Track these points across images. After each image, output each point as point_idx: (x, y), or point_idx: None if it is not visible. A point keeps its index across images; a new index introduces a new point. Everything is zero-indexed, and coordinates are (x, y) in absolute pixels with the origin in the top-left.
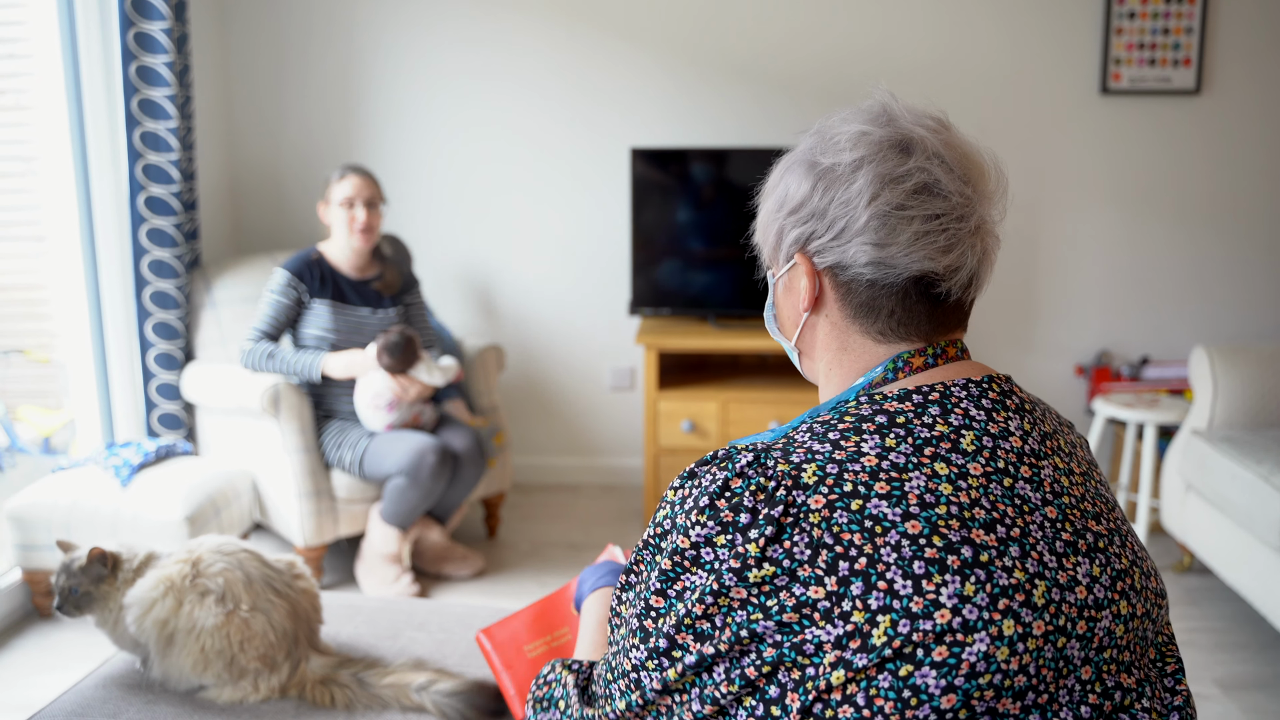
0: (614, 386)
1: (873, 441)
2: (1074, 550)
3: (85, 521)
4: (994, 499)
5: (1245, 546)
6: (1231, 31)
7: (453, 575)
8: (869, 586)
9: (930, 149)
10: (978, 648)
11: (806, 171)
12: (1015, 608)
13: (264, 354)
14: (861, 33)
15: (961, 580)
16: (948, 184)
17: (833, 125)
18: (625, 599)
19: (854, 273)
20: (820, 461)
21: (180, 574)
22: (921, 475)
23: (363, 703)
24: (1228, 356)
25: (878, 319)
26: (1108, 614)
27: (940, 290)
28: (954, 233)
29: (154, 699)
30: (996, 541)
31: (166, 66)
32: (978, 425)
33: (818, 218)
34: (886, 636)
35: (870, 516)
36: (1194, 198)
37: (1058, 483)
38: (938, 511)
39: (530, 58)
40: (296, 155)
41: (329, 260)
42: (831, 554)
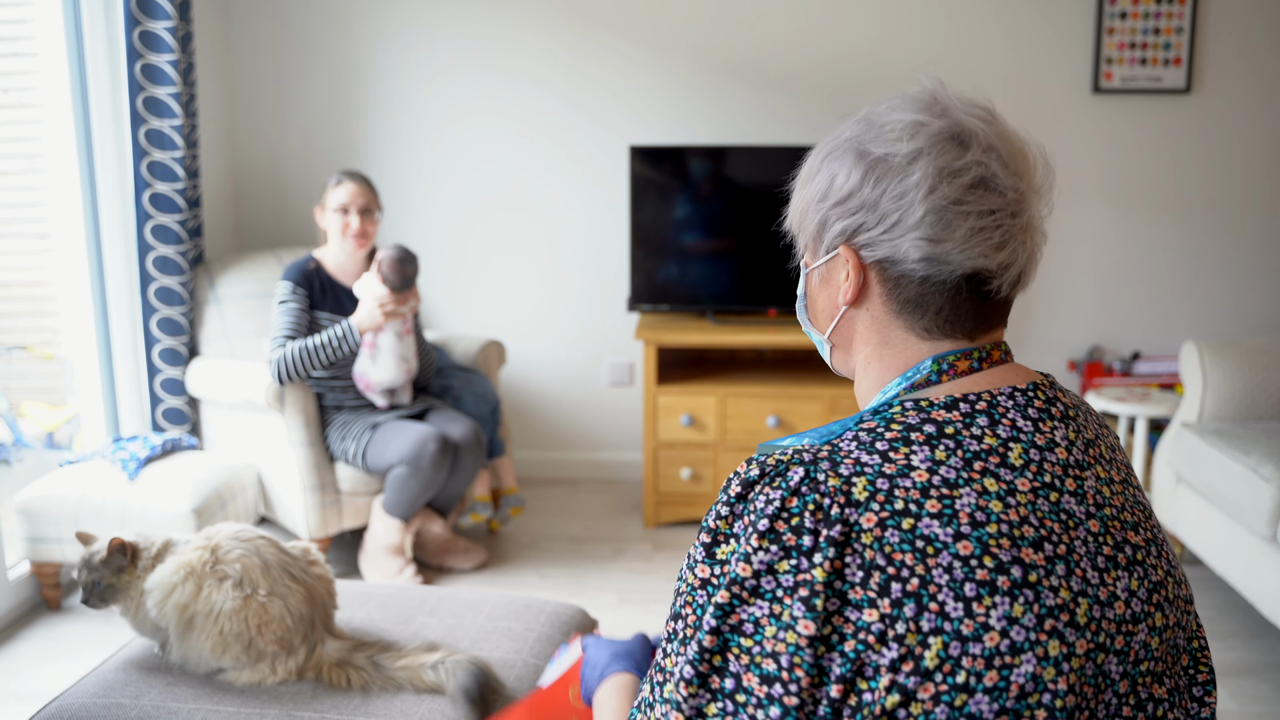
0: (613, 381)
1: (923, 454)
2: (1114, 565)
3: (93, 514)
4: (1041, 515)
5: (1234, 537)
6: (1221, 31)
7: (455, 567)
8: (920, 608)
9: (985, 141)
10: (1025, 669)
11: (856, 161)
12: (1060, 628)
13: (298, 350)
14: (858, 32)
15: (1011, 601)
16: (1003, 178)
17: (881, 113)
18: (672, 650)
19: (906, 268)
20: (870, 475)
21: (199, 560)
22: (972, 492)
23: (378, 684)
24: (1217, 351)
25: (925, 315)
26: (1144, 627)
27: (991, 288)
28: (1007, 229)
29: (174, 681)
30: (1044, 560)
31: (171, 65)
32: (1025, 437)
33: (868, 209)
34: (939, 659)
35: (922, 537)
36: (1184, 195)
37: (1100, 494)
38: (988, 530)
39: (531, 55)
40: (298, 152)
41: (326, 269)
42: (885, 575)
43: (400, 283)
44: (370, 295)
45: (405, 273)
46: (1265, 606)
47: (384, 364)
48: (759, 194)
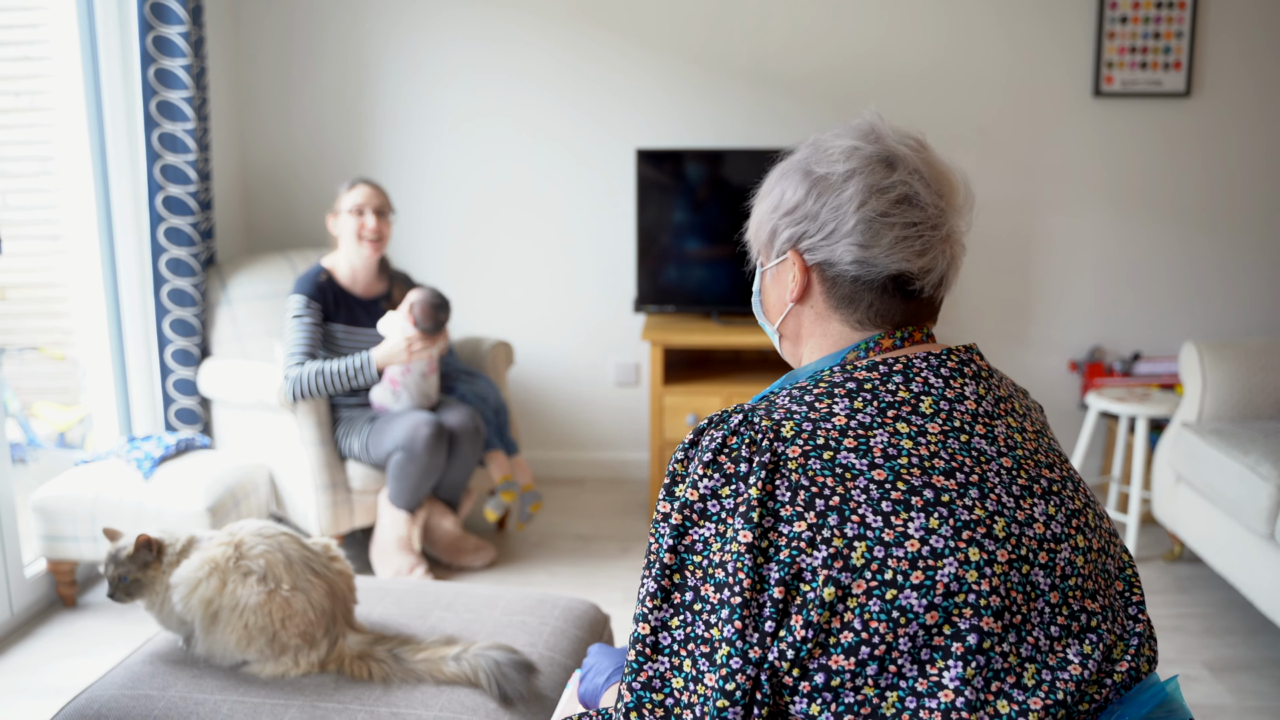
0: (619, 382)
1: (843, 404)
2: (1030, 493)
3: (109, 513)
4: (951, 452)
5: (1233, 535)
6: (1220, 36)
7: (467, 565)
8: (843, 519)
9: (911, 165)
10: (948, 570)
11: (802, 178)
12: (978, 538)
13: (314, 373)
14: (862, 37)
15: (926, 516)
16: (925, 196)
17: (826, 139)
18: (645, 575)
19: (840, 269)
20: (798, 420)
21: (224, 555)
22: (885, 433)
23: (398, 676)
24: (1216, 351)
25: (857, 310)
26: (1066, 546)
27: (914, 288)
28: (928, 239)
29: (200, 673)
30: (956, 486)
31: (184, 69)
32: (935, 391)
33: (810, 219)
34: (864, 559)
35: (840, 465)
36: (1184, 198)
37: (1011, 438)
38: (900, 462)
39: (537, 57)
40: (307, 154)
41: (338, 280)
42: (809, 493)
43: (432, 327)
44: (399, 333)
45: (438, 318)
46: (1263, 603)
47: (405, 403)
48: None
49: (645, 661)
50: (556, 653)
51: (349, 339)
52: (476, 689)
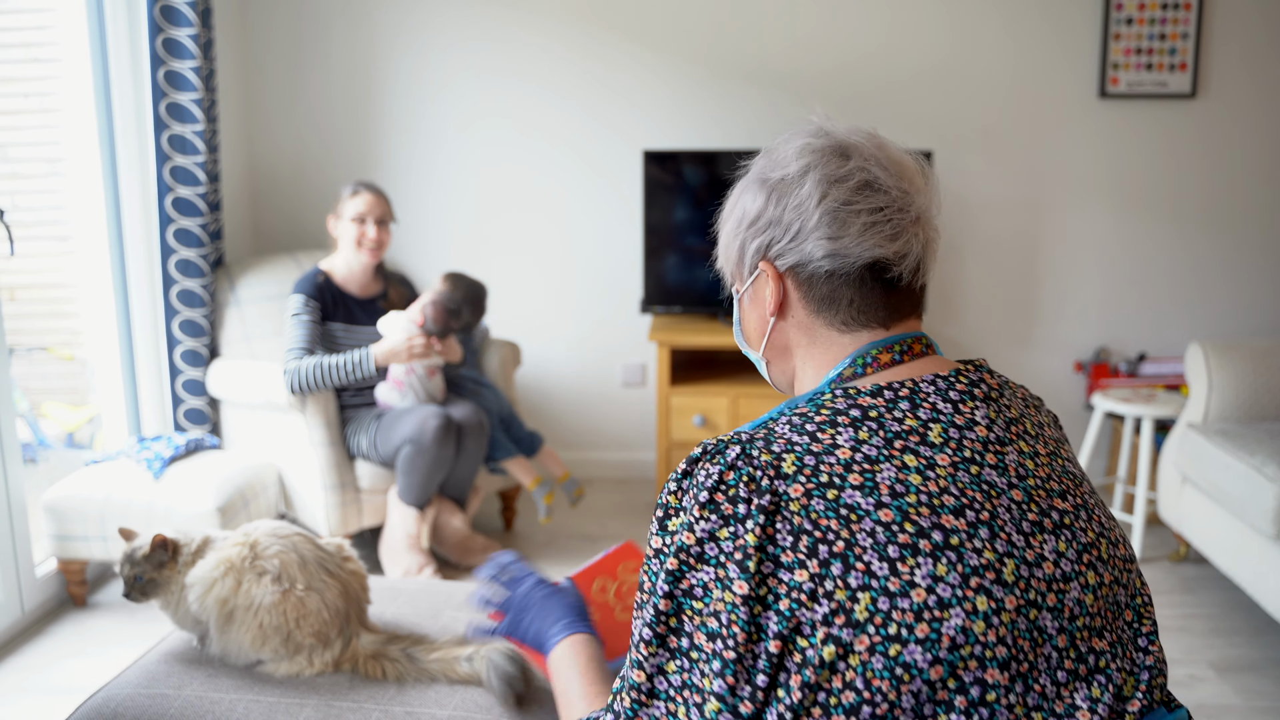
0: (625, 382)
1: (847, 435)
2: (1040, 529)
3: (119, 513)
4: (962, 486)
5: (1239, 535)
6: (1226, 37)
7: (476, 565)
8: (848, 567)
9: (865, 152)
10: (954, 622)
11: (759, 188)
12: (986, 585)
13: (312, 366)
14: (869, 38)
15: (934, 562)
16: (885, 180)
17: (777, 147)
18: (640, 616)
19: (813, 267)
20: (799, 453)
21: (239, 555)
22: (892, 467)
23: (412, 676)
24: (1222, 352)
25: (839, 309)
26: (1076, 585)
27: (892, 274)
28: (897, 222)
29: (215, 672)
30: (966, 525)
31: (193, 71)
32: (944, 418)
33: (775, 225)
34: (868, 612)
35: (845, 505)
36: (1189, 199)
37: (1023, 466)
38: (908, 500)
39: (544, 59)
40: (315, 156)
41: (335, 281)
42: (811, 539)
43: (440, 330)
44: (401, 332)
45: (448, 323)
46: (1269, 604)
47: (411, 401)
48: None
49: (640, 708)
50: None
51: (348, 337)
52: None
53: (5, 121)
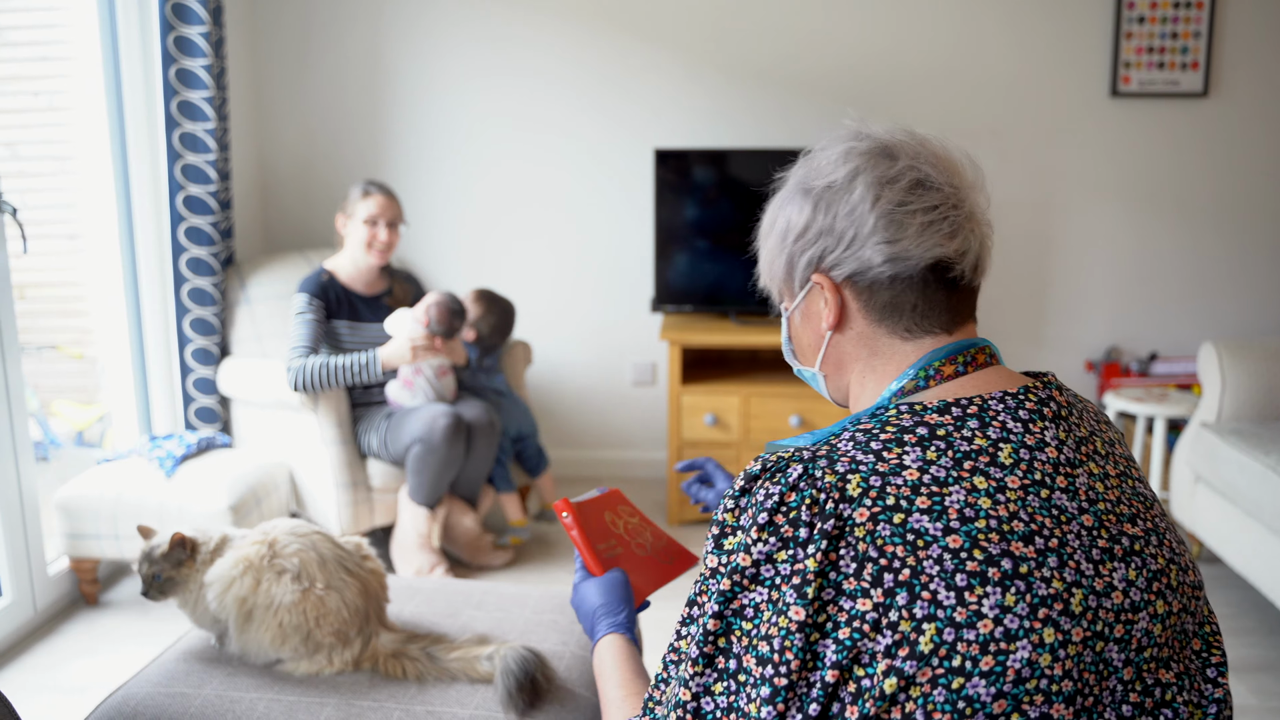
0: (636, 381)
1: (914, 454)
2: (1110, 556)
3: (131, 512)
4: (1032, 511)
5: (1253, 535)
6: (1238, 36)
7: (487, 564)
8: (913, 597)
9: (911, 150)
10: (1021, 655)
11: (803, 198)
12: (1054, 616)
13: (318, 366)
14: (877, 37)
15: (1002, 591)
16: (936, 177)
17: (814, 156)
18: (685, 633)
19: (874, 274)
20: (864, 473)
21: (258, 554)
22: (961, 489)
23: (432, 675)
24: (1235, 351)
25: (902, 316)
26: (1144, 615)
27: (954, 274)
28: (954, 219)
29: (234, 671)
30: (1035, 553)
31: (205, 69)
32: (1014, 438)
33: (827, 234)
34: (933, 644)
35: (912, 530)
36: (1201, 198)
37: (1093, 489)
38: (977, 525)
39: (555, 57)
40: (325, 154)
41: (340, 279)
42: (877, 566)
43: (444, 331)
44: (405, 334)
45: (452, 324)
46: None
47: (421, 400)
48: None
49: None
50: (588, 651)
51: (353, 335)
52: None
53: (16, 120)
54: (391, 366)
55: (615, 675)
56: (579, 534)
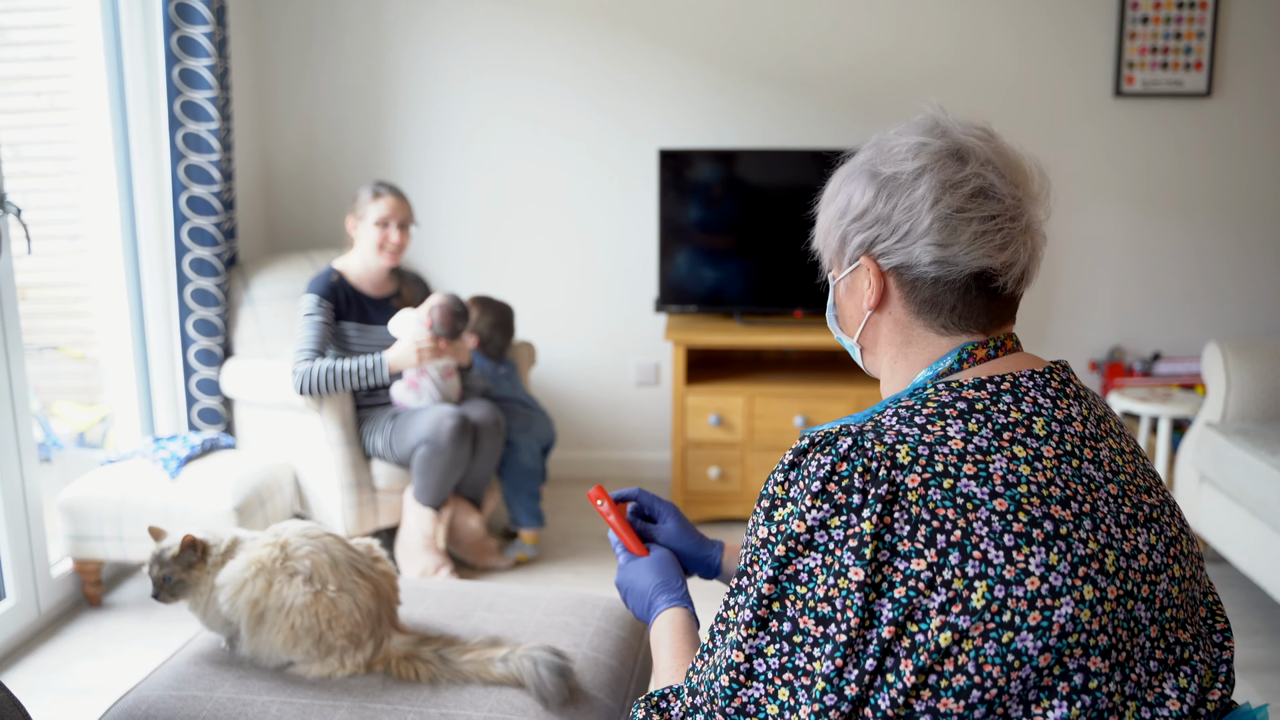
0: (639, 382)
1: (957, 426)
2: (1134, 522)
3: (135, 513)
4: (1066, 478)
5: (1260, 535)
6: (1242, 36)
7: (492, 566)
8: (965, 556)
9: (982, 156)
10: (1065, 610)
11: (869, 181)
12: (1092, 574)
13: (325, 370)
14: (880, 37)
15: (1046, 550)
16: (1000, 187)
17: (889, 139)
18: (735, 602)
19: (919, 271)
20: (911, 443)
21: (270, 556)
22: (1003, 458)
23: (446, 677)
24: (1240, 351)
25: (940, 313)
26: (1165, 577)
27: (997, 284)
28: (1008, 232)
29: (246, 674)
30: (1072, 516)
31: (208, 69)
32: (1045, 412)
33: (882, 222)
34: (985, 600)
35: (961, 495)
36: (1204, 198)
37: (1114, 462)
38: (1020, 490)
39: (559, 57)
40: (328, 154)
41: (349, 280)
42: (930, 528)
43: (448, 333)
44: (409, 337)
45: (455, 326)
46: None
47: (426, 402)
48: (785, 197)
49: (739, 688)
50: (600, 653)
51: (361, 337)
52: (525, 690)
53: (19, 120)
54: (397, 370)
55: (672, 645)
56: (616, 518)
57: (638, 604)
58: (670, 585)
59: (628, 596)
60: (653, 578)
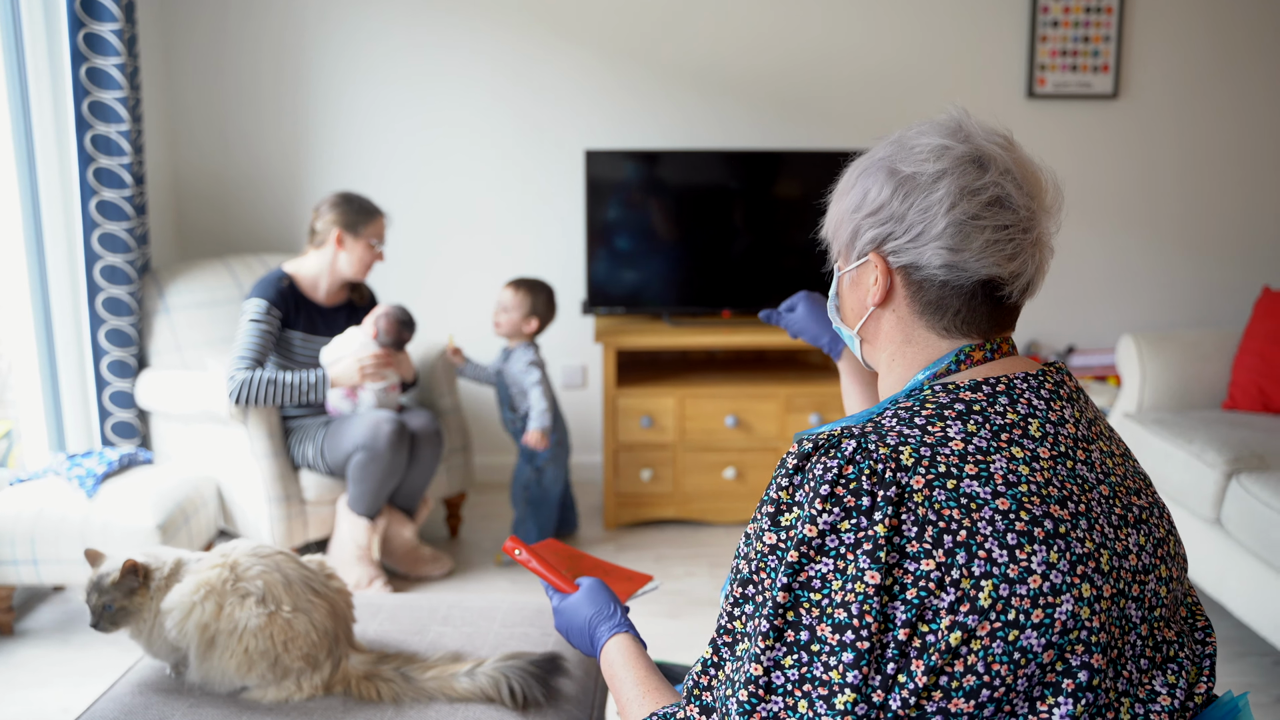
0: (566, 384)
1: (956, 427)
2: (1125, 523)
3: (52, 533)
4: (1062, 479)
5: (1178, 521)
6: (1145, 40)
7: (425, 575)
8: (971, 555)
9: (1002, 165)
10: (1065, 608)
11: (887, 178)
12: (1089, 573)
13: (264, 381)
14: (803, 41)
15: (1047, 549)
16: (1016, 198)
17: (911, 137)
18: (742, 613)
19: (928, 273)
20: (914, 445)
21: (219, 578)
22: (1002, 458)
23: (409, 696)
24: (1154, 344)
25: (944, 316)
26: (1153, 578)
27: (1003, 293)
28: (1019, 243)
29: (197, 702)
30: (1069, 515)
31: (118, 69)
32: (1040, 414)
33: (896, 220)
34: (991, 599)
35: (965, 495)
36: (1113, 195)
37: (1104, 464)
38: (1020, 490)
39: (484, 60)
40: (241, 157)
41: (300, 287)
42: (936, 529)
43: (393, 343)
44: (352, 354)
45: (401, 336)
46: (1210, 587)
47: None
48: (712, 197)
49: (759, 703)
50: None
51: (306, 347)
52: (492, 704)
53: None
54: (339, 386)
55: (630, 674)
56: (538, 563)
57: (580, 641)
58: (605, 613)
59: (569, 636)
60: (587, 610)
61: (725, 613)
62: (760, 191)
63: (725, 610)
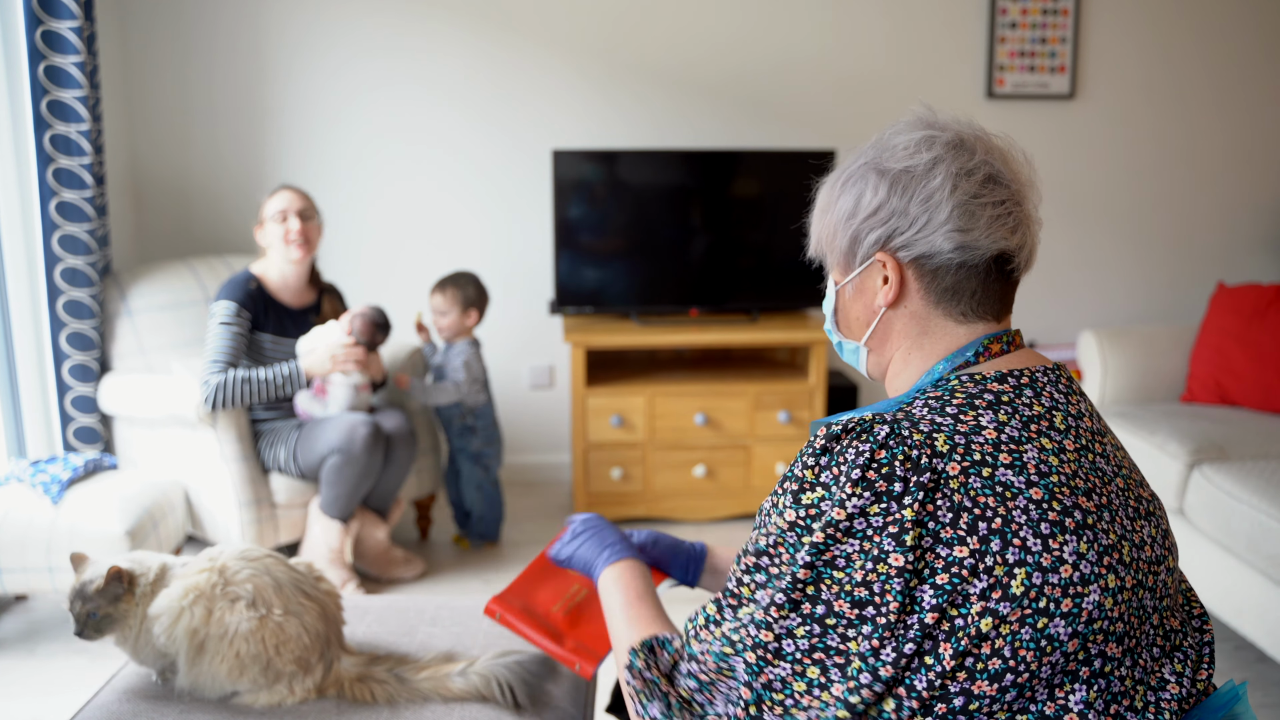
0: (533, 385)
1: (988, 417)
2: (1138, 514)
3: (17, 541)
4: (1086, 471)
5: None
6: (1101, 42)
7: (398, 578)
8: (1005, 544)
9: (984, 146)
10: (1093, 598)
11: (879, 178)
12: (1114, 564)
13: (239, 380)
14: (768, 41)
15: (1077, 539)
16: (1005, 174)
17: (888, 138)
18: (754, 580)
19: (942, 259)
20: (948, 432)
21: (208, 582)
22: (1034, 448)
23: (403, 697)
24: (1114, 338)
25: (961, 300)
26: (1163, 568)
27: (1012, 266)
28: (1017, 215)
29: (187, 709)
30: (1095, 507)
31: (77, 67)
32: (1062, 407)
33: (899, 216)
34: (1024, 587)
35: (1000, 483)
36: (1072, 194)
37: (1116, 457)
38: (1052, 480)
39: (450, 59)
40: (202, 158)
41: (268, 288)
42: (972, 516)
43: (367, 342)
44: (325, 344)
45: (375, 336)
46: None
47: (332, 412)
48: (679, 197)
49: (766, 665)
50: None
51: (276, 349)
52: (487, 703)
53: None
54: (313, 376)
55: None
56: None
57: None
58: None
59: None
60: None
61: (735, 578)
62: (727, 191)
63: (735, 575)
